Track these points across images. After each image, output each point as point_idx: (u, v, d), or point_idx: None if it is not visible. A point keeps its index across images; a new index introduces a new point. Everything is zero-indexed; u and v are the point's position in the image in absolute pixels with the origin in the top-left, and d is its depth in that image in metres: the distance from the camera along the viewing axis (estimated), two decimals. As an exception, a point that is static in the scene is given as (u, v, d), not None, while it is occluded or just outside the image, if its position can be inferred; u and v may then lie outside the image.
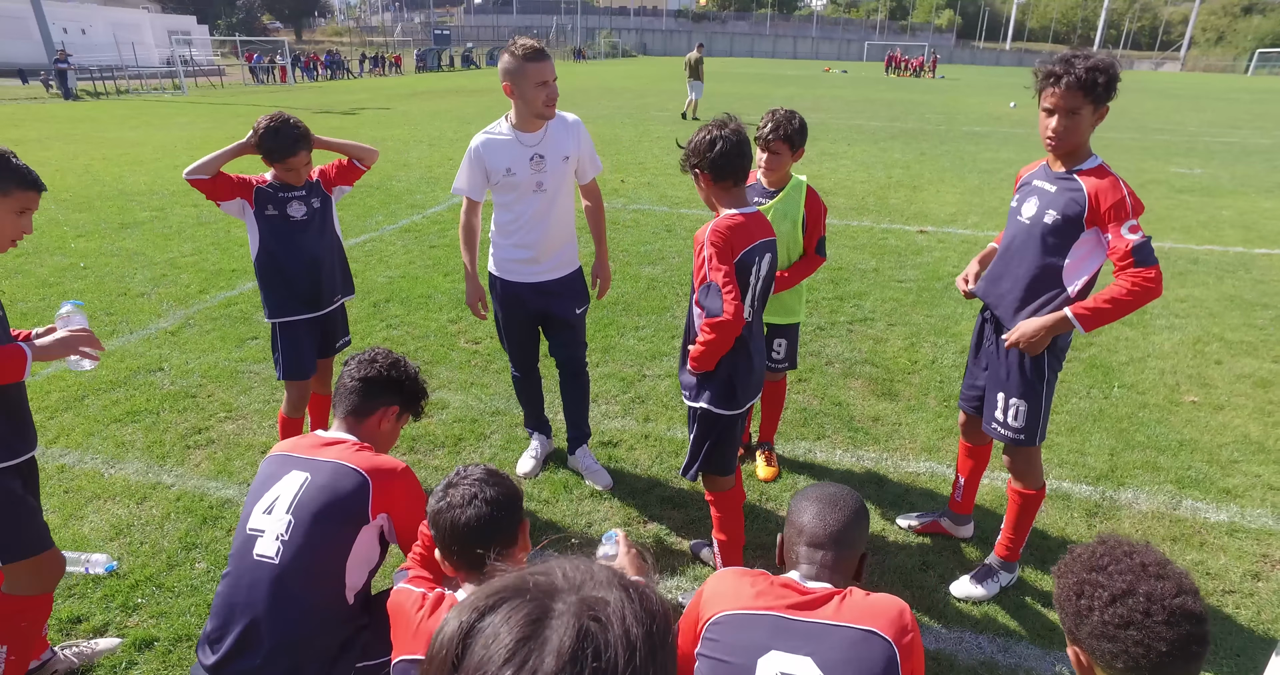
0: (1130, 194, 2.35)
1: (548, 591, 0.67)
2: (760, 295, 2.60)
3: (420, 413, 2.24)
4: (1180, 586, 1.18)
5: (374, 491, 1.84)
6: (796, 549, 1.57)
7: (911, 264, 7.15)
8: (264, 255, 3.24)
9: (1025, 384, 2.64)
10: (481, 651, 0.62)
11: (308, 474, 1.87)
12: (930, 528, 3.29)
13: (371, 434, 2.07)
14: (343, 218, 8.63)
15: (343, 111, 21.17)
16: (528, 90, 3.03)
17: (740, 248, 2.41)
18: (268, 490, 1.88)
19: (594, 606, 0.66)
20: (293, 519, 1.81)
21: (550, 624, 0.64)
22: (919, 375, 4.84)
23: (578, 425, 3.76)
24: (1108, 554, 1.25)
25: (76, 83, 26.36)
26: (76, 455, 3.88)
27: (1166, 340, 5.50)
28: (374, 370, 2.08)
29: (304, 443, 1.98)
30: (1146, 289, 2.31)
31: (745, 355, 2.58)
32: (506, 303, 3.46)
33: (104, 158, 12.21)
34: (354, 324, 5.52)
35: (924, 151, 14.28)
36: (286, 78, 35.99)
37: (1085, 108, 2.32)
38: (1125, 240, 2.31)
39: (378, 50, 53.24)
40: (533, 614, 0.64)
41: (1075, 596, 1.24)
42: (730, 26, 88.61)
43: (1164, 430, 4.22)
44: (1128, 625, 1.16)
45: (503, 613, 0.65)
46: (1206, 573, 3.12)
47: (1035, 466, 2.81)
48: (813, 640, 1.38)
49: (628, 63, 62.41)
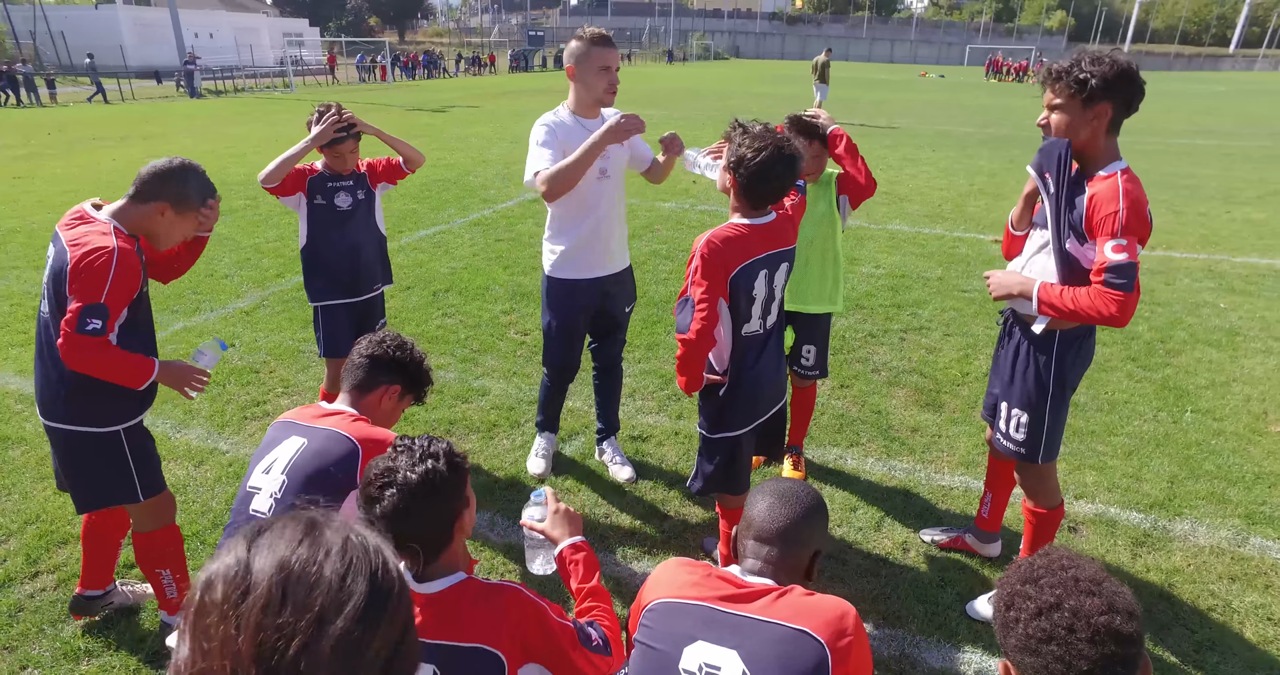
0: (1129, 209, 2.16)
1: (308, 516, 0.76)
2: (768, 307, 2.49)
3: (423, 398, 2.34)
4: (1111, 605, 1.11)
5: (363, 458, 1.93)
6: (745, 543, 1.56)
7: (980, 274, 6.82)
8: (310, 243, 3.47)
9: (1025, 395, 2.53)
10: (272, 557, 0.70)
11: (305, 439, 1.99)
12: (955, 543, 3.16)
13: (372, 409, 2.17)
14: (416, 210, 9.06)
15: (433, 109, 22.04)
16: (590, 74, 3.07)
17: (736, 262, 2.33)
18: (269, 452, 2.00)
19: (351, 524, 0.76)
20: (286, 479, 1.92)
21: (322, 530, 0.73)
22: (968, 388, 4.63)
23: (608, 419, 3.79)
24: (1045, 567, 1.20)
25: (201, 82, 28.55)
26: (150, 419, 4.20)
27: (1260, 365, 5.06)
28: (381, 350, 2.19)
29: (308, 411, 2.11)
30: (1104, 311, 2.17)
31: (749, 375, 2.50)
32: (566, 302, 3.37)
33: (213, 151, 13.18)
34: (411, 311, 5.78)
35: (1013, 159, 13.61)
36: (386, 76, 37.77)
37: (1072, 105, 2.22)
38: (1104, 258, 2.17)
39: (474, 50, 55.13)
40: (305, 525, 0.74)
41: (1005, 608, 1.19)
42: (826, 29, 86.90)
43: (1239, 460, 3.89)
44: (1050, 640, 1.10)
45: (275, 528, 0.73)
46: (1268, 618, 2.87)
47: (1048, 483, 2.68)
48: (740, 634, 1.37)
49: (719, 65, 62.23)
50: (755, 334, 2.52)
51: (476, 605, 1.49)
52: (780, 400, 2.75)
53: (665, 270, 6.87)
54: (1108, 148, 2.28)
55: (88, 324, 2.17)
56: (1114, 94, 2.19)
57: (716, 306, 2.36)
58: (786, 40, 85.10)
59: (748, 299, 2.41)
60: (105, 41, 36.75)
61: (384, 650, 0.71)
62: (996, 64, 49.50)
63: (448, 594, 1.50)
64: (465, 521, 1.56)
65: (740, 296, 2.39)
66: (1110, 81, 2.17)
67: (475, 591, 1.51)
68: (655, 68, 56.13)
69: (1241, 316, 5.86)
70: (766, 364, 2.57)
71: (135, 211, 2.34)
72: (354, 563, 0.70)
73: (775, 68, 56.97)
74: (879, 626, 2.77)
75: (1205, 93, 36.47)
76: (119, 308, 2.26)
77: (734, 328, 2.48)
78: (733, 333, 2.48)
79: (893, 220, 8.83)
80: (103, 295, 2.18)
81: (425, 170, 11.62)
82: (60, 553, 3.09)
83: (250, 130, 16.40)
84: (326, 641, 0.66)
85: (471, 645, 1.44)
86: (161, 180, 2.33)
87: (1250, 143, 16.72)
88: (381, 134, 3.49)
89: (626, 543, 3.21)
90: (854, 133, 16.26)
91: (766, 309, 2.50)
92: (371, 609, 0.70)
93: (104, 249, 2.20)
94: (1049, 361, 2.47)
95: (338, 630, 0.67)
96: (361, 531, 0.76)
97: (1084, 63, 2.20)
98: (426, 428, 4.14)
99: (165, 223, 2.35)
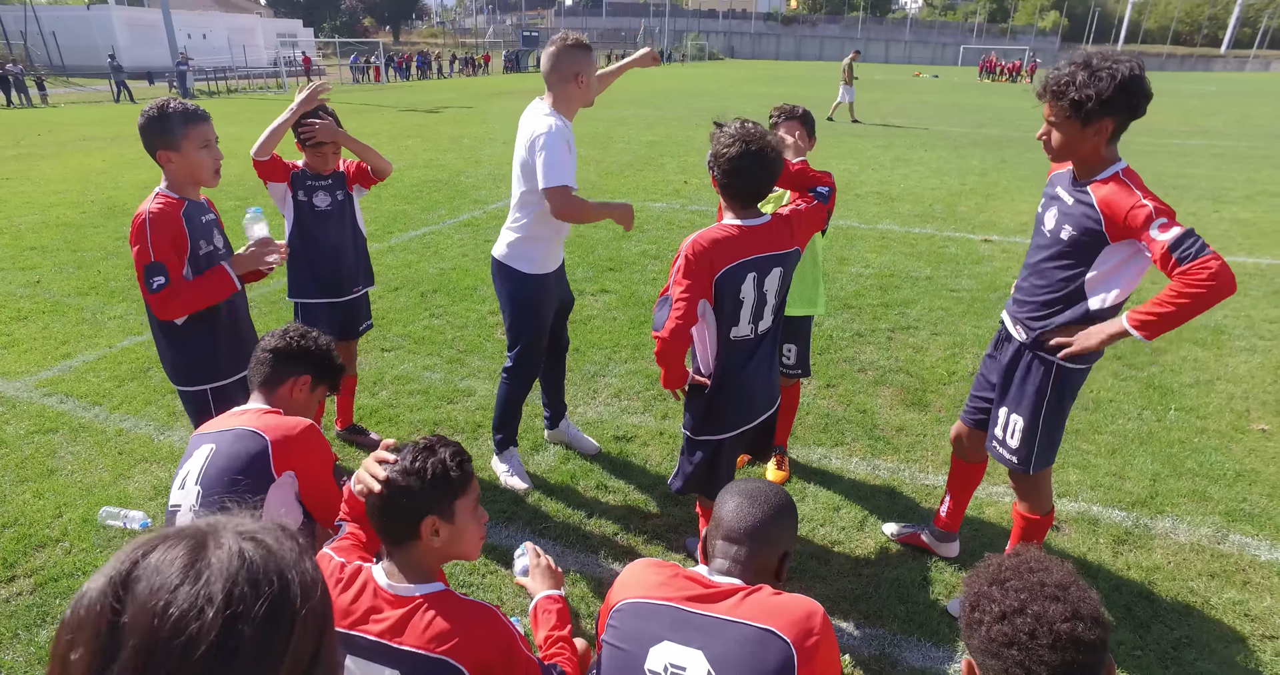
0: (1145, 193, 2.11)
1: (199, 530, 0.71)
2: (760, 312, 2.42)
3: (337, 385, 2.31)
4: (1075, 612, 1.10)
5: (274, 450, 1.90)
6: (714, 543, 1.55)
7: (969, 273, 6.86)
8: (293, 239, 3.45)
9: (1024, 402, 2.49)
10: (147, 586, 0.65)
11: (213, 445, 1.95)
12: (910, 539, 3.16)
13: (284, 402, 2.13)
14: (407, 211, 9.04)
15: (427, 109, 22.01)
16: (593, 78, 3.11)
17: (722, 263, 2.28)
18: (182, 468, 1.96)
19: (247, 533, 0.72)
20: (201, 489, 1.88)
21: (210, 549, 0.68)
22: (954, 387, 4.64)
23: (561, 400, 3.93)
24: (1012, 569, 1.19)
25: (194, 83, 28.47)
26: (134, 421, 4.20)
27: (1244, 363, 5.08)
28: (284, 342, 2.16)
29: (221, 418, 2.08)
30: (1207, 284, 1.96)
31: (736, 378, 2.45)
32: (544, 297, 3.42)
33: (205, 151, 13.14)
34: (399, 312, 5.77)
35: (1005, 159, 13.65)
36: (380, 77, 37.71)
37: (1070, 125, 2.15)
38: (1159, 242, 2.01)
39: (469, 51, 55.07)
40: (192, 544, 0.69)
41: (970, 608, 1.19)
42: (821, 29, 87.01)
43: (1221, 458, 3.91)
44: (1011, 644, 1.10)
45: (160, 550, 0.68)
46: (1245, 614, 2.87)
47: (1041, 490, 2.65)
48: (706, 634, 1.36)
49: (714, 66, 62.26)
50: (744, 338, 2.45)
51: (451, 619, 1.48)
52: (771, 408, 2.68)
53: (654, 270, 6.87)
54: (1109, 154, 2.22)
55: (154, 283, 2.43)
56: (1114, 109, 2.09)
57: (695, 307, 2.32)
58: (782, 41, 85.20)
59: (734, 301, 2.35)
60: (98, 42, 36.61)
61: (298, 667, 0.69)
62: (990, 64, 49.63)
63: (422, 602, 1.49)
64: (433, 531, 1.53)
65: (725, 298, 2.34)
66: (1109, 100, 2.06)
67: (452, 605, 1.50)
68: (650, 68, 56.10)
69: (1227, 315, 5.88)
70: (757, 370, 2.50)
71: (165, 169, 2.55)
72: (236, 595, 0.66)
73: (770, 68, 57.03)
74: (860, 626, 2.77)
75: (1197, 93, 36.61)
76: (176, 262, 2.48)
77: (720, 330, 2.43)
78: (719, 335, 2.44)
79: (883, 220, 8.84)
80: (151, 255, 2.42)
81: (417, 171, 11.62)
82: (38, 556, 3.07)
83: (243, 131, 16.33)
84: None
85: (438, 657, 1.44)
86: (146, 133, 2.49)
87: (1241, 142, 16.79)
88: (351, 141, 3.44)
89: (608, 543, 3.21)
90: (848, 132, 16.18)
91: (758, 313, 2.42)
92: (266, 638, 0.66)
93: (138, 215, 2.46)
94: (1052, 369, 2.42)
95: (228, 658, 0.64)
96: (260, 546, 0.70)
97: (1079, 79, 2.08)
98: (411, 428, 4.13)
99: (180, 163, 2.52)
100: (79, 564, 3.02)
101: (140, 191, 9.83)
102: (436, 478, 1.52)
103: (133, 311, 5.73)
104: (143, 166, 11.80)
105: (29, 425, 4.10)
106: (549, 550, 3.17)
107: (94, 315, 5.69)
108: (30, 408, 4.30)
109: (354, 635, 1.47)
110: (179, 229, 2.49)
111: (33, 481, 3.58)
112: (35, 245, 7.48)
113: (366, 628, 1.47)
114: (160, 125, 2.47)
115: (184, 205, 2.55)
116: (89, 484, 3.57)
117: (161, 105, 2.49)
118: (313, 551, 0.79)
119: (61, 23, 39.17)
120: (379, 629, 1.47)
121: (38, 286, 6.33)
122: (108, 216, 8.68)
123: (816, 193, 2.59)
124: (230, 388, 2.74)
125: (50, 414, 4.23)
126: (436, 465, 1.53)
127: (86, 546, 3.13)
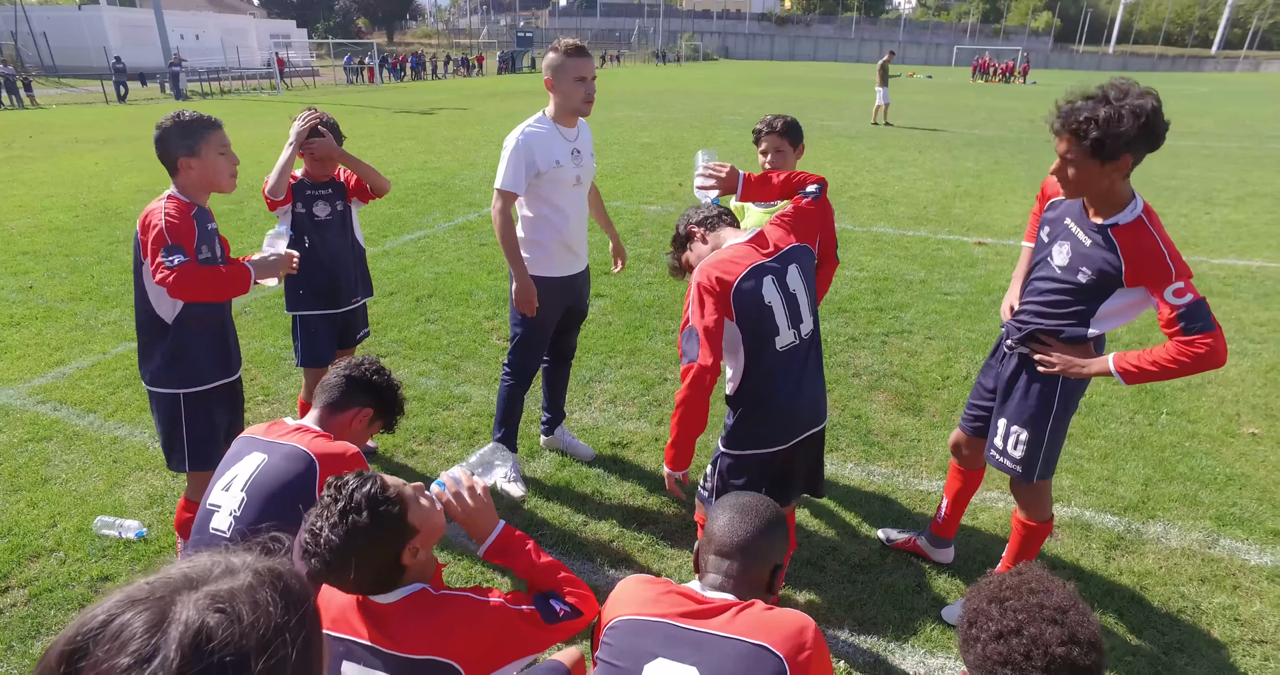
0: (1171, 253, 2.12)
1: (167, 594, 0.68)
2: (796, 313, 2.32)
3: (393, 426, 2.35)
4: (1073, 636, 1.11)
5: (321, 473, 1.93)
6: (706, 557, 1.57)
7: (962, 276, 6.89)
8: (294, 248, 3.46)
9: (1028, 412, 2.51)
10: (92, 667, 0.63)
11: (265, 455, 1.98)
12: (906, 545, 3.18)
13: (342, 429, 2.16)
14: (401, 214, 9.03)
15: (421, 111, 21.97)
16: (567, 85, 3.13)
17: (733, 276, 2.24)
18: (229, 468, 2.00)
19: (218, 598, 0.67)
20: (246, 496, 1.92)
21: (169, 625, 0.65)
22: (948, 391, 4.67)
23: (560, 407, 3.94)
24: (1013, 588, 1.20)
25: (187, 84, 28.35)
26: (129, 429, 4.19)
27: (1235, 366, 5.11)
28: (359, 372, 2.20)
29: (273, 427, 2.10)
30: (1197, 357, 2.09)
31: (775, 387, 2.32)
32: (544, 301, 3.38)
33: (198, 153, 13.08)
34: (394, 317, 5.76)
35: (999, 160, 13.71)
36: (374, 78, 37.61)
37: (1088, 162, 2.10)
38: (1171, 306, 2.08)
39: (463, 52, 54.99)
40: (151, 619, 0.65)
41: (968, 624, 1.20)
42: (815, 30, 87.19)
43: (1212, 462, 3.94)
44: (1006, 664, 1.11)
45: (117, 623, 0.65)
46: (1235, 619, 2.90)
47: (1043, 498, 2.67)
48: (701, 650, 1.38)
49: (708, 66, 62.30)
50: (792, 346, 2.32)
51: (428, 617, 1.49)
52: (820, 423, 2.49)
53: (649, 274, 6.88)
54: (1125, 189, 2.19)
55: (172, 260, 2.46)
56: (1135, 146, 2.05)
57: (722, 328, 2.23)
58: (776, 41, 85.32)
59: (761, 310, 2.25)
60: (89, 43, 36.44)
61: None
62: (983, 65, 49.79)
63: (400, 606, 1.51)
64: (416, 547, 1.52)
65: (751, 309, 2.24)
66: (1131, 140, 2.02)
67: (429, 603, 1.52)
68: (645, 69, 56.13)
69: (1219, 318, 5.90)
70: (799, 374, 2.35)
71: (181, 176, 2.62)
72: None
73: (765, 68, 57.13)
74: (855, 633, 2.78)
75: (1188, 93, 36.80)
76: (189, 245, 2.54)
77: (759, 347, 2.30)
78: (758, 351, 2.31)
79: (877, 222, 8.87)
80: (168, 238, 2.48)
81: (412, 173, 11.60)
82: (32, 567, 3.07)
83: (237, 133, 16.24)
84: None
85: (424, 657, 1.45)
86: (166, 142, 2.57)
87: (1231, 143, 16.89)
88: (349, 159, 3.47)
89: (604, 550, 3.22)
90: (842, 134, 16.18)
91: (794, 315, 2.31)
92: None
93: (150, 211, 2.55)
94: (1057, 380, 2.43)
95: None
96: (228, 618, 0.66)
97: (1100, 116, 2.01)
98: (407, 435, 4.13)
99: (199, 168, 2.60)
100: (74, 574, 3.02)
101: (134, 195, 9.80)
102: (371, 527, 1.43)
103: (126, 317, 5.71)
104: (135, 169, 11.76)
105: (22, 433, 4.09)
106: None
107: (87, 321, 5.67)
108: (23, 415, 4.28)
109: (350, 640, 1.48)
110: (190, 227, 2.56)
111: (26, 490, 3.57)
112: (27, 250, 7.45)
113: (359, 632, 1.49)
114: (181, 132, 2.56)
115: (194, 209, 2.62)
116: (83, 493, 3.56)
117: (177, 114, 2.60)
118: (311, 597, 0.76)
119: (52, 23, 38.94)
120: (370, 634, 1.49)
121: (30, 292, 6.30)
122: (100, 220, 8.64)
123: (805, 193, 2.60)
124: (205, 395, 2.75)
125: (44, 421, 4.22)
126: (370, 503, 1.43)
127: (81, 556, 3.12)
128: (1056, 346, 2.40)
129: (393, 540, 1.46)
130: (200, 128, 2.57)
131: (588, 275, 3.65)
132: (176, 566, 0.72)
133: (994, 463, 2.67)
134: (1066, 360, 2.35)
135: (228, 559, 0.74)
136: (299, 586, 0.74)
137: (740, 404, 2.38)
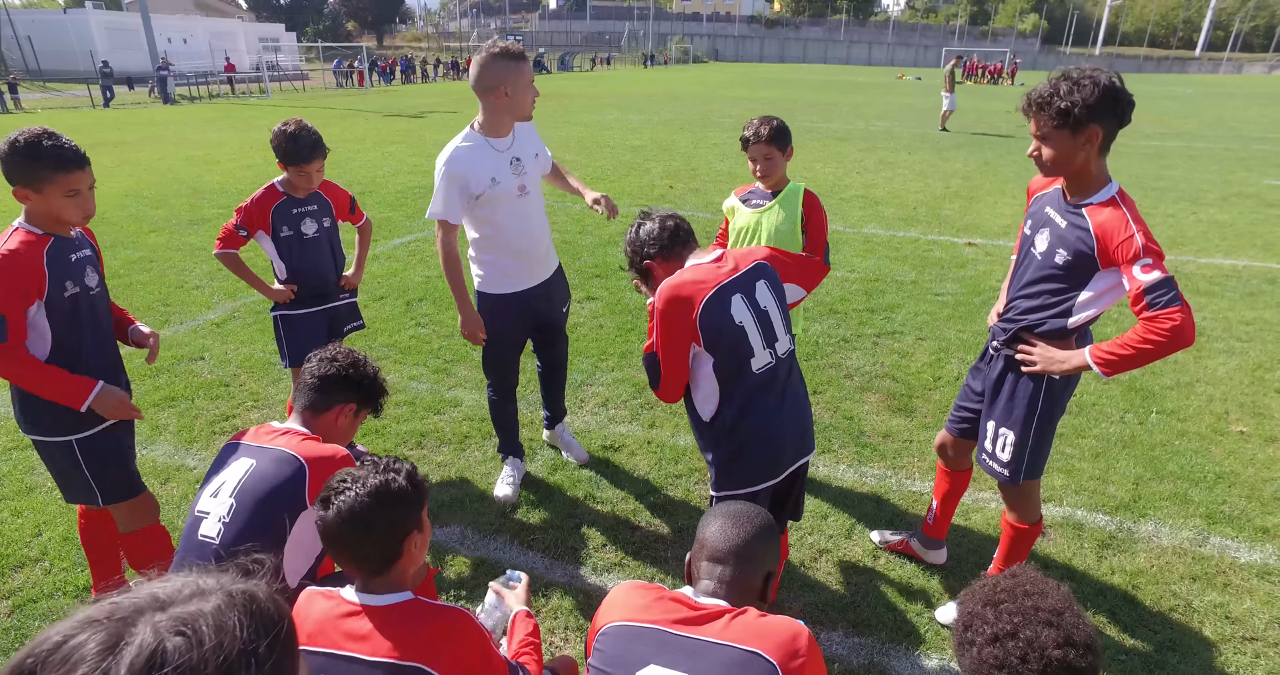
0: (1141, 231, 2.13)
1: (129, 615, 0.66)
2: (770, 332, 2.24)
3: (380, 410, 2.30)
4: (1068, 638, 1.11)
5: (310, 477, 1.90)
6: (699, 564, 1.56)
7: (953, 277, 6.92)
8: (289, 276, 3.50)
9: (1014, 414, 2.51)
10: None
11: (254, 460, 1.96)
12: (899, 547, 3.18)
13: (327, 429, 2.14)
14: (391, 218, 8.99)
15: (411, 114, 21.92)
16: (523, 90, 2.97)
17: (698, 298, 2.16)
18: (217, 474, 1.97)
19: (182, 621, 0.66)
20: (235, 502, 1.89)
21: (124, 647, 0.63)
22: (940, 392, 4.67)
23: (556, 406, 3.89)
24: (1007, 590, 1.20)
25: (174, 88, 28.18)
26: (115, 436, 4.14)
27: (1222, 365, 5.15)
28: (333, 369, 2.15)
29: (260, 431, 2.07)
30: (1166, 335, 2.04)
31: (756, 416, 2.24)
32: (499, 318, 3.30)
33: (186, 158, 12.99)
34: (385, 321, 5.73)
35: (988, 161, 13.78)
36: (364, 82, 37.50)
37: (1060, 135, 2.15)
38: (1138, 281, 2.07)
39: (453, 55, 54.92)
40: (106, 641, 0.63)
41: (963, 627, 1.19)
42: (804, 32, 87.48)
43: (1201, 461, 3.96)
44: (1002, 667, 1.11)
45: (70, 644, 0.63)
46: (1226, 617, 2.91)
47: (1031, 499, 2.67)
48: (694, 657, 1.37)
49: (698, 69, 62.43)
50: (768, 367, 2.25)
51: (421, 625, 1.49)
52: (808, 452, 2.43)
53: (641, 277, 6.86)
54: (1099, 170, 2.23)
55: None
56: (1101, 115, 2.11)
57: (686, 353, 2.19)
58: (765, 43, 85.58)
59: (733, 331, 2.17)
60: (75, 47, 36.16)
61: None
62: (971, 67, 50.09)
63: (392, 611, 1.51)
64: (415, 544, 1.57)
65: (720, 332, 2.16)
66: (1094, 106, 2.09)
67: (422, 612, 1.52)
68: (634, 71, 56.21)
69: (1206, 317, 5.96)
70: (779, 401, 2.28)
71: (26, 205, 2.22)
72: None
73: (755, 71, 57.30)
74: (848, 635, 2.78)
75: (1173, 94, 37.16)
76: (15, 312, 2.13)
77: (733, 371, 2.23)
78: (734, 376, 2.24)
79: (868, 224, 8.89)
80: None
81: (402, 177, 11.56)
82: (16, 577, 3.02)
83: (226, 137, 16.19)
84: None
85: (411, 664, 1.45)
86: (4, 164, 2.15)
87: (1216, 144, 17.04)
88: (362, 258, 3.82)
89: (596, 555, 3.20)
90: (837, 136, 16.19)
91: (769, 334, 2.24)
92: None
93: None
94: (1042, 381, 2.44)
95: None
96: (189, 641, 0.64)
97: (1063, 88, 2.11)
98: (398, 440, 4.10)
99: (38, 205, 2.19)
100: (59, 584, 2.98)
101: (121, 200, 9.71)
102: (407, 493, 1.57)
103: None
104: (120, 176, 11.66)
105: (5, 441, 4.04)
106: (537, 562, 3.17)
107: (73, 327, 5.61)
108: (7, 423, 4.23)
109: (328, 653, 1.47)
110: (36, 271, 2.15)
111: (10, 499, 3.53)
112: (12, 255, 7.37)
113: (339, 644, 1.47)
114: (22, 162, 2.12)
115: (49, 242, 2.22)
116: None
117: (33, 139, 2.12)
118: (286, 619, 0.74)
119: (37, 27, 38.64)
120: (352, 644, 1.48)
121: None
122: (87, 225, 8.55)
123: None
124: (102, 433, 2.41)
125: (29, 429, 4.16)
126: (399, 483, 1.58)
127: (67, 566, 3.08)
128: (1037, 343, 2.40)
129: (408, 515, 1.56)
130: (44, 168, 2.12)
131: (561, 281, 3.49)
132: (148, 586, 0.71)
133: (984, 467, 2.66)
134: (1046, 356, 2.36)
135: (200, 581, 0.72)
136: (273, 609, 0.72)
137: (720, 438, 2.29)
